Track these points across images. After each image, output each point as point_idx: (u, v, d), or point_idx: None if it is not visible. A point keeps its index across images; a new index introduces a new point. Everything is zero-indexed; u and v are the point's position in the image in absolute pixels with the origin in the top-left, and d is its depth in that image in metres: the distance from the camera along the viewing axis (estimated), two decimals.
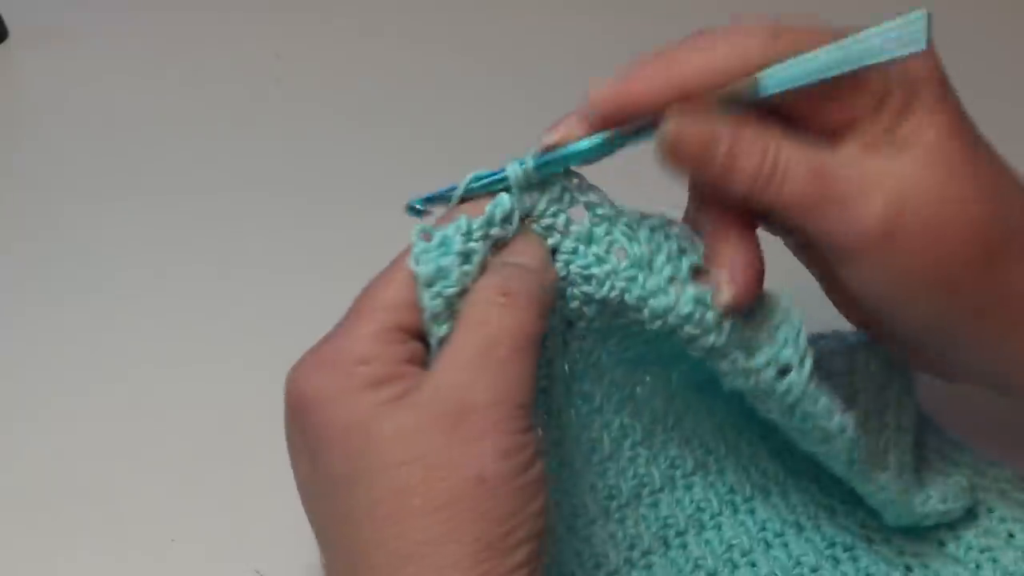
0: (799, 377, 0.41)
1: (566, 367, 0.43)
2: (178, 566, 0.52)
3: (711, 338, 0.40)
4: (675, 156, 0.39)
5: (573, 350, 0.43)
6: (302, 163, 0.75)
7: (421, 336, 0.39)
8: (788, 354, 0.41)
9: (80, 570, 0.52)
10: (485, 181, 0.40)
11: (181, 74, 0.83)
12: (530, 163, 0.40)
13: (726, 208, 0.41)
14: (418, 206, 0.41)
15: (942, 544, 0.47)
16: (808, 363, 0.41)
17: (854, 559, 0.47)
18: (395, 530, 0.36)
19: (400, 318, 0.39)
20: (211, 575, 0.52)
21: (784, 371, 0.41)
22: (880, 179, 0.39)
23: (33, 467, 0.57)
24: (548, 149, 0.40)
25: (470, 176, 0.41)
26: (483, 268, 0.39)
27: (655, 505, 0.47)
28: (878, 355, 0.49)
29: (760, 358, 0.41)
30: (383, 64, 0.84)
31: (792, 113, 0.40)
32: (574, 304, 0.41)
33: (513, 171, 0.40)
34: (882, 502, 0.45)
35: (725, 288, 0.40)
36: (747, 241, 0.41)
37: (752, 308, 0.41)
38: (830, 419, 0.42)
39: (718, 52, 0.39)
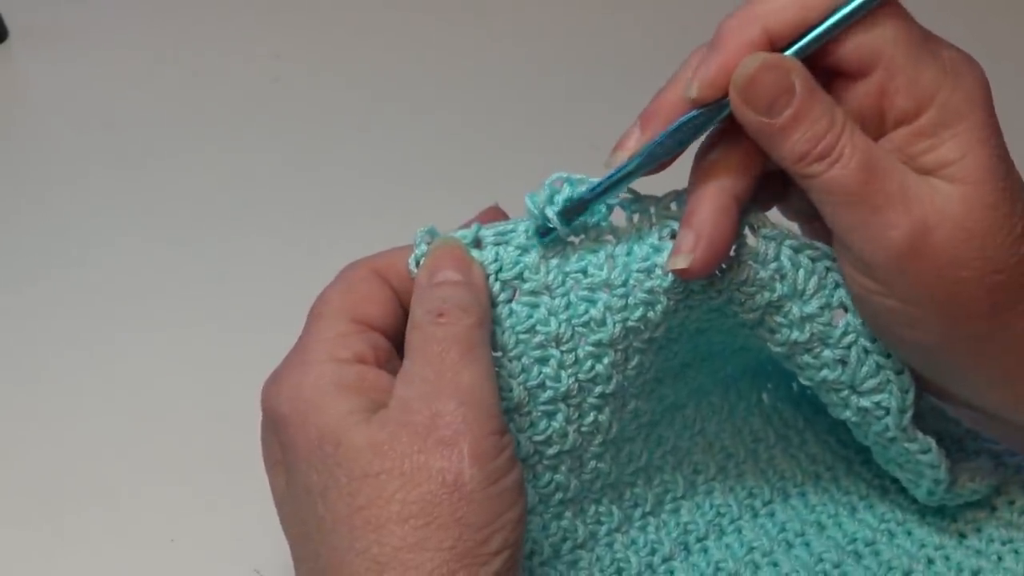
0: (856, 318, 0.41)
1: (621, 380, 0.42)
2: (178, 566, 0.52)
3: (765, 294, 0.41)
4: (744, 99, 0.38)
5: (632, 365, 0.42)
6: (301, 163, 0.75)
7: (383, 330, 0.40)
8: (841, 294, 0.41)
9: (80, 570, 0.52)
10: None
11: (181, 74, 0.83)
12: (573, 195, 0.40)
13: (726, 180, 0.40)
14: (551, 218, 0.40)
15: (963, 536, 0.47)
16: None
17: (876, 553, 0.47)
18: (373, 537, 0.36)
19: (356, 313, 0.40)
20: (211, 575, 0.52)
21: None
22: (917, 198, 0.38)
23: (33, 467, 0.56)
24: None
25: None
26: None
27: (676, 511, 0.47)
28: None
29: (815, 303, 0.41)
30: (383, 65, 0.83)
31: (854, 95, 0.39)
32: (638, 312, 0.41)
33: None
34: (919, 470, 0.44)
35: (682, 257, 0.39)
36: (728, 215, 0.40)
37: (798, 255, 0.41)
38: (885, 355, 0.42)
39: None
